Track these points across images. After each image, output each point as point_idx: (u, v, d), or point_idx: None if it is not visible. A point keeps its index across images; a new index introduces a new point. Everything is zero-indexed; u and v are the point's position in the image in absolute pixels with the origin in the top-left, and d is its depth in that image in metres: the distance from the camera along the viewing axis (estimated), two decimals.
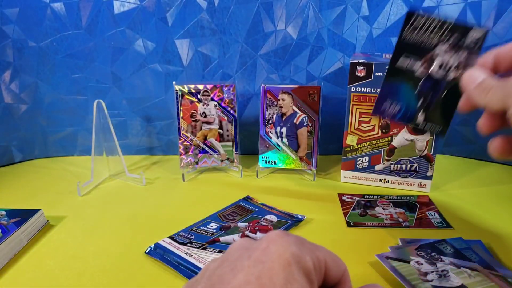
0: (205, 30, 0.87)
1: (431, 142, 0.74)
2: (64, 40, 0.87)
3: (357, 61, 0.72)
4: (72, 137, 0.97)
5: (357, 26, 0.85)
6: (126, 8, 0.85)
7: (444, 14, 0.82)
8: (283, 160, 0.83)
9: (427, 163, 0.75)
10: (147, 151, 0.99)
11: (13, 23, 0.85)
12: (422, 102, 0.59)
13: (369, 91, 0.73)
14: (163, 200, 0.76)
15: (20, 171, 0.91)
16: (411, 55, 0.56)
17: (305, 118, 0.80)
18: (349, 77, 0.73)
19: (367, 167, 0.79)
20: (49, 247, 0.61)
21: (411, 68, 0.57)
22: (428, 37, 0.55)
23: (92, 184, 0.81)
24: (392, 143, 0.76)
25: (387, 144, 0.76)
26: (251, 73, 0.90)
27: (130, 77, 0.90)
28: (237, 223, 0.65)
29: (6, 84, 0.89)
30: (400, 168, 0.77)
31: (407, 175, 0.77)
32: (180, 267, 0.54)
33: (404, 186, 0.78)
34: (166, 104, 0.93)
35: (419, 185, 0.77)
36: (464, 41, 0.54)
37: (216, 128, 0.84)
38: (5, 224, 0.61)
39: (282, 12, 0.85)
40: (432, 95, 0.58)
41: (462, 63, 0.55)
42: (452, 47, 0.54)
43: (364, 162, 0.78)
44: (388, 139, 0.76)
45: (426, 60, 0.57)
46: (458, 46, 0.54)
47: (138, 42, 0.88)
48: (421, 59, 0.57)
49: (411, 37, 0.56)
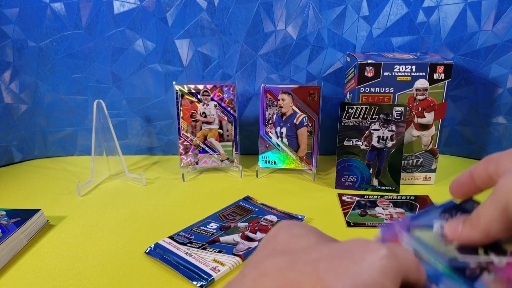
0: (205, 30, 0.87)
1: (436, 137, 0.76)
2: (64, 40, 0.87)
3: (366, 62, 0.72)
4: (72, 137, 0.97)
5: (357, 26, 0.85)
6: (126, 8, 0.85)
7: (444, 14, 0.82)
8: (283, 160, 0.83)
9: (431, 157, 0.78)
10: (147, 151, 0.99)
11: (13, 23, 0.85)
12: (372, 170, 0.75)
13: (377, 91, 0.74)
14: (163, 200, 0.75)
15: (20, 171, 0.91)
16: (352, 138, 0.73)
17: (305, 118, 0.80)
18: (358, 78, 0.73)
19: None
20: (49, 247, 0.61)
21: (356, 145, 0.72)
22: (362, 119, 0.72)
23: (92, 184, 0.81)
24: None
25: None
26: (251, 73, 0.90)
27: (130, 77, 0.90)
28: (237, 223, 0.65)
29: (6, 84, 0.89)
30: (407, 164, 0.78)
31: (414, 169, 0.79)
32: (180, 267, 0.54)
33: (410, 181, 0.79)
34: (166, 104, 0.93)
35: (424, 178, 0.79)
36: (390, 117, 0.71)
37: (216, 128, 0.83)
38: (5, 224, 0.61)
39: (282, 12, 0.85)
40: (379, 162, 0.74)
41: (394, 132, 0.72)
42: (383, 123, 0.71)
43: None
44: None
45: (366, 137, 0.73)
46: (387, 121, 0.71)
47: (138, 42, 0.87)
48: (361, 137, 0.72)
49: (348, 122, 0.73)
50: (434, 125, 0.76)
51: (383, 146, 0.73)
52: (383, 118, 0.71)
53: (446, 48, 0.84)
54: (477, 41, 0.82)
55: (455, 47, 0.84)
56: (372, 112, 0.72)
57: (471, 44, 0.82)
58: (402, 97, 0.74)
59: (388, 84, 0.73)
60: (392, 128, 0.72)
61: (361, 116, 0.72)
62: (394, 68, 0.72)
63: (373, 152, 0.74)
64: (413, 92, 0.74)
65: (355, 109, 0.72)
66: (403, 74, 0.73)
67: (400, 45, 0.86)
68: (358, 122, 0.73)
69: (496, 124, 0.86)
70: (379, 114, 0.72)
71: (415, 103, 0.75)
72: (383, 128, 0.72)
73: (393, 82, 0.73)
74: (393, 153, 0.74)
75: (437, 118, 0.75)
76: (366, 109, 0.72)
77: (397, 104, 0.73)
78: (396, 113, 0.71)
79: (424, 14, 0.83)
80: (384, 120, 0.71)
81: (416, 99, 0.74)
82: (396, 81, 0.73)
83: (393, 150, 0.74)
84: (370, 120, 0.72)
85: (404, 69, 0.72)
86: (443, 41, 0.84)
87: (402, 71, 0.72)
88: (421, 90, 0.74)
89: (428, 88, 0.73)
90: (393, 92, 0.74)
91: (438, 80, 0.73)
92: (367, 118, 0.72)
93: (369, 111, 0.72)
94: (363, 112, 0.72)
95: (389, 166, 0.75)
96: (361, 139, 0.73)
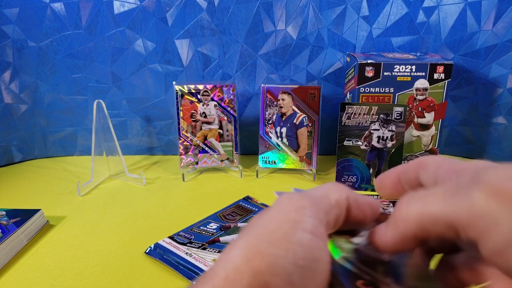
0: (205, 30, 0.87)
1: (436, 137, 0.76)
2: (64, 40, 0.87)
3: (366, 62, 0.72)
4: (72, 137, 0.97)
5: (357, 26, 0.85)
6: (126, 8, 0.85)
7: (444, 14, 0.82)
8: (283, 160, 0.83)
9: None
10: (147, 151, 0.99)
11: (13, 23, 0.85)
12: (372, 170, 0.74)
13: (377, 91, 0.74)
14: (163, 200, 0.75)
15: (20, 171, 0.91)
16: (352, 137, 0.73)
17: (305, 118, 0.80)
18: (358, 78, 0.73)
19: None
20: (49, 247, 0.61)
21: (356, 145, 0.72)
22: (361, 119, 0.72)
23: (92, 184, 0.81)
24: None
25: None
26: (251, 73, 0.90)
27: (130, 77, 0.90)
28: (237, 223, 0.65)
29: (6, 84, 0.89)
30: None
31: None
32: (180, 267, 0.54)
33: None
34: (166, 104, 0.93)
35: None
36: (390, 117, 0.71)
37: (216, 128, 0.83)
38: (5, 224, 0.61)
39: (282, 12, 0.85)
40: (379, 162, 0.74)
41: (394, 132, 0.72)
42: (383, 123, 0.71)
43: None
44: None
45: (366, 137, 0.73)
46: (387, 121, 0.71)
47: (138, 42, 0.87)
48: (361, 137, 0.72)
49: (348, 122, 0.72)
50: (434, 125, 0.76)
51: (383, 146, 0.73)
52: (383, 118, 0.71)
53: (446, 48, 0.84)
54: (477, 41, 0.82)
55: (455, 47, 0.84)
56: (372, 112, 0.72)
57: (471, 44, 0.82)
58: (402, 97, 0.74)
59: (388, 84, 0.73)
60: (392, 128, 0.72)
61: (361, 116, 0.72)
62: (394, 68, 0.72)
63: (373, 152, 0.74)
64: (413, 92, 0.74)
65: (355, 109, 0.72)
66: (403, 74, 0.73)
67: (400, 45, 0.86)
68: (358, 122, 0.73)
69: (496, 124, 0.86)
70: (379, 114, 0.72)
71: (415, 103, 0.75)
72: (383, 128, 0.72)
73: (393, 82, 0.73)
74: (393, 153, 0.74)
75: (437, 118, 0.75)
76: (366, 109, 0.72)
77: (397, 104, 0.73)
78: (396, 113, 0.71)
79: (424, 14, 0.83)
80: (384, 120, 0.71)
81: (416, 99, 0.74)
82: (396, 81, 0.73)
83: (393, 150, 0.74)
84: (370, 120, 0.72)
85: (404, 69, 0.72)
86: (443, 41, 0.84)
87: (402, 71, 0.73)
88: (421, 90, 0.74)
89: (428, 88, 0.73)
90: (393, 92, 0.74)
91: (438, 80, 0.73)
92: (367, 118, 0.72)
93: (369, 111, 0.72)
94: (363, 112, 0.72)
95: (389, 166, 0.74)
96: (361, 139, 0.73)
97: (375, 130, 0.73)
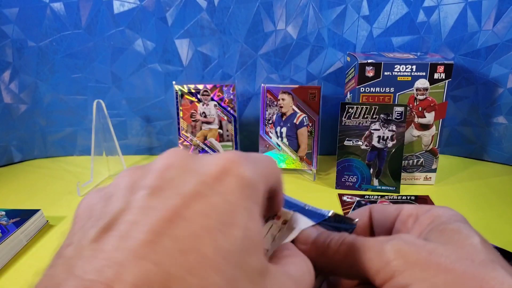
0: (205, 30, 0.86)
1: (436, 137, 0.76)
2: (63, 40, 0.87)
3: (366, 62, 0.72)
4: (72, 137, 0.97)
5: (357, 25, 0.85)
6: (126, 8, 0.85)
7: (444, 14, 0.82)
8: (283, 160, 0.83)
9: (432, 157, 0.77)
10: (147, 151, 0.98)
11: (12, 23, 0.85)
12: (373, 170, 0.74)
13: (378, 91, 0.74)
14: None
15: (20, 171, 0.91)
16: (352, 137, 0.73)
17: (305, 118, 0.80)
18: (358, 78, 0.73)
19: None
20: (49, 247, 0.61)
21: (356, 145, 0.72)
22: (362, 119, 0.72)
23: (92, 184, 0.81)
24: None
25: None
26: (251, 73, 0.90)
27: (130, 77, 0.90)
28: None
29: (6, 84, 0.89)
30: (407, 164, 0.78)
31: (414, 170, 0.78)
32: None
33: (410, 181, 0.79)
34: (166, 104, 0.93)
35: (425, 178, 0.79)
36: (391, 116, 0.71)
37: (216, 128, 0.83)
38: (5, 224, 0.61)
39: (282, 12, 0.85)
40: (380, 162, 0.74)
41: (394, 132, 0.72)
42: (383, 123, 0.71)
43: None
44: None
45: (366, 137, 0.73)
46: (388, 121, 0.71)
47: (138, 42, 0.87)
48: (361, 137, 0.72)
49: (348, 122, 0.72)
50: (434, 125, 0.76)
51: (384, 146, 0.73)
52: (384, 118, 0.71)
53: (446, 48, 0.84)
54: (478, 41, 0.82)
55: (456, 47, 0.83)
56: (372, 112, 0.72)
57: (472, 44, 0.82)
58: (403, 97, 0.74)
59: (388, 84, 0.73)
60: (392, 128, 0.72)
61: (361, 116, 0.72)
62: (395, 68, 0.72)
63: (374, 152, 0.74)
64: (414, 92, 0.74)
65: (355, 109, 0.72)
66: (403, 74, 0.73)
67: (401, 45, 0.85)
68: (358, 122, 0.73)
69: (496, 124, 0.86)
70: (380, 114, 0.72)
71: (415, 103, 0.75)
72: (384, 128, 0.72)
73: (393, 82, 0.73)
74: (394, 153, 0.74)
75: (437, 118, 0.75)
76: (367, 109, 0.72)
77: (398, 104, 0.73)
78: (396, 113, 0.71)
79: (424, 14, 0.83)
80: (384, 120, 0.71)
81: (417, 99, 0.74)
82: (397, 81, 0.73)
83: (394, 150, 0.73)
84: (370, 120, 0.72)
85: (405, 69, 0.72)
86: (444, 41, 0.84)
87: (403, 71, 0.72)
88: (421, 90, 0.73)
89: (428, 88, 0.73)
90: (393, 92, 0.74)
91: (438, 80, 0.73)
92: (367, 118, 0.72)
93: (370, 111, 0.72)
94: (363, 112, 0.72)
95: (390, 166, 0.74)
96: (361, 139, 0.73)
97: (375, 130, 0.73)
